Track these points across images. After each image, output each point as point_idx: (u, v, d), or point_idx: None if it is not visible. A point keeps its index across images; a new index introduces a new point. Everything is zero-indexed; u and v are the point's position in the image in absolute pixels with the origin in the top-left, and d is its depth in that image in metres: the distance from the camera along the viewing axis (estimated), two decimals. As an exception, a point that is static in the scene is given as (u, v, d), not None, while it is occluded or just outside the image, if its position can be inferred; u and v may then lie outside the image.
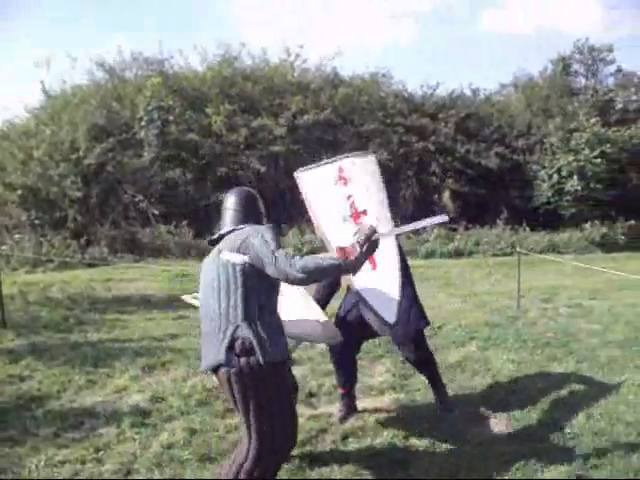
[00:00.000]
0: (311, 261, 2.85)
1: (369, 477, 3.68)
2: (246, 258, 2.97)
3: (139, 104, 16.05)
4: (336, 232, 3.99)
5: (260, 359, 2.93)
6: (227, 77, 17.65)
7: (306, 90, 18.18)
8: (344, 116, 18.16)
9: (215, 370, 3.05)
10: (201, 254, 14.92)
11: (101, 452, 3.93)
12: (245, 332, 2.95)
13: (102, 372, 5.62)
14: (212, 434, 4.21)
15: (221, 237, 3.25)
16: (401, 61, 54.86)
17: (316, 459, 3.87)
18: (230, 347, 2.95)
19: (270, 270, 2.91)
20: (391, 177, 17.69)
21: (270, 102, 17.63)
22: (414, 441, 4.15)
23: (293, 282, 2.92)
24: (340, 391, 4.79)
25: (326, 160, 4.49)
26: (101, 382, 5.35)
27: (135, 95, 16.59)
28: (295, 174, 4.29)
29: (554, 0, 53.32)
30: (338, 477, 3.66)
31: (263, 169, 16.29)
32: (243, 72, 18.19)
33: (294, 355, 6.15)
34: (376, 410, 4.76)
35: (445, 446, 4.09)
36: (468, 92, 22.31)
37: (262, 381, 2.99)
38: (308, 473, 3.70)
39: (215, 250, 3.17)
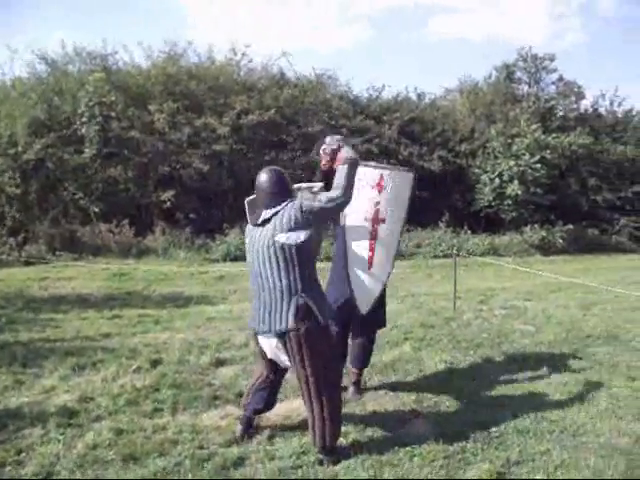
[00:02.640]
0: (339, 179, 3.87)
1: (296, 476, 3.71)
2: (302, 236, 3.65)
3: (81, 99, 15.72)
4: (353, 226, 4.59)
5: (321, 320, 3.72)
6: (172, 75, 17.44)
7: (251, 90, 18.11)
8: (289, 117, 18.15)
9: (282, 335, 3.71)
10: (142, 253, 14.81)
11: (23, 454, 3.85)
12: (305, 299, 3.67)
13: (31, 372, 5.51)
14: (139, 434, 4.18)
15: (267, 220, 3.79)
16: (349, 63, 55.28)
17: (242, 458, 3.89)
18: (296, 314, 3.64)
19: (321, 210, 3.73)
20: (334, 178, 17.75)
21: (215, 101, 17.50)
22: (340, 440, 4.20)
23: (342, 200, 3.81)
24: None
25: (374, 163, 4.90)
26: (29, 382, 5.24)
27: (77, 90, 16.24)
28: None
29: (502, 9, 54.46)
30: (263, 477, 3.68)
31: (206, 168, 16.17)
32: (188, 70, 18.00)
33: (226, 355, 6.19)
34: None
35: (372, 445, 4.14)
36: (413, 96, 22.58)
37: (323, 338, 3.77)
38: (233, 473, 3.71)
39: (267, 232, 3.73)
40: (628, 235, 20.80)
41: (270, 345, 3.88)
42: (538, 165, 18.62)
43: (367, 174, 4.60)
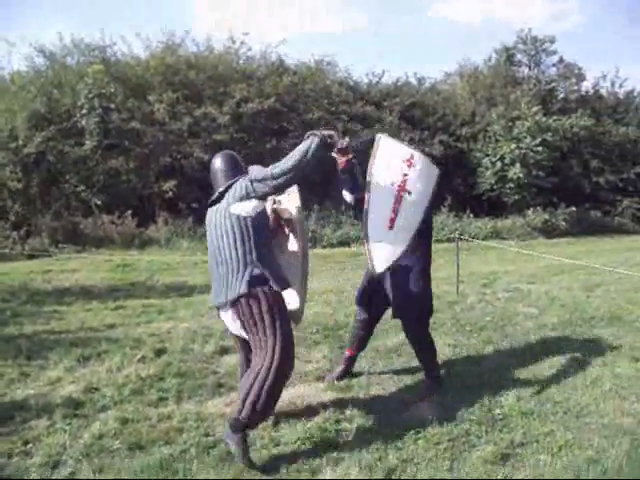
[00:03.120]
0: (297, 150, 3.87)
1: (300, 460, 3.73)
2: (255, 207, 3.79)
3: (80, 92, 15.70)
4: (378, 187, 4.55)
5: (274, 286, 3.76)
6: (170, 65, 17.40)
7: (250, 78, 18.06)
8: (289, 104, 18.10)
9: (235, 302, 3.73)
10: (144, 243, 14.84)
11: (29, 445, 3.87)
12: (260, 269, 3.75)
13: (36, 364, 5.52)
14: (144, 423, 4.21)
15: (221, 196, 3.91)
16: (348, 49, 55.07)
17: (249, 444, 3.90)
18: (249, 281, 3.70)
19: (269, 180, 3.78)
20: (336, 165, 17.72)
21: (214, 90, 17.46)
22: (345, 425, 4.22)
23: (294, 172, 3.80)
24: (347, 353, 5.28)
25: (407, 144, 4.94)
26: (34, 374, 5.26)
27: (76, 82, 16.21)
28: (378, 135, 4.64)
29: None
30: (268, 462, 3.71)
31: (207, 158, 16.13)
32: (187, 60, 17.94)
33: (230, 343, 6.19)
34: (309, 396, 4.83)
35: (376, 429, 4.17)
36: (413, 80, 22.50)
37: (277, 303, 3.76)
38: (238, 459, 3.73)
39: (222, 206, 3.85)
40: (631, 216, 20.78)
41: (228, 319, 3.91)
42: (539, 148, 18.58)
43: (400, 149, 4.62)
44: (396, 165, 4.52)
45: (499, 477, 3.59)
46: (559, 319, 7.42)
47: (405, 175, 4.52)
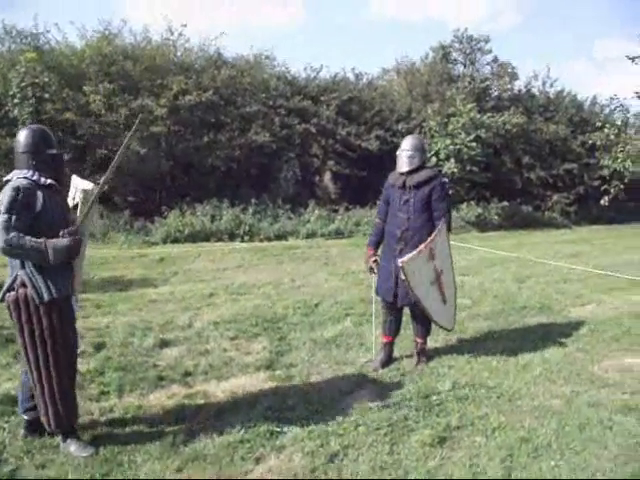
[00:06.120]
0: (21, 239, 3.39)
1: (242, 449, 3.80)
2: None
3: (12, 80, 15.24)
4: (425, 293, 5.26)
5: (35, 297, 3.50)
6: (107, 55, 17.02)
7: (188, 71, 17.85)
8: (226, 97, 17.97)
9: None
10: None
11: (-32, 443, 3.81)
12: (22, 276, 3.52)
13: (-31, 361, 5.41)
14: (86, 417, 4.19)
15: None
16: (287, 44, 55.07)
17: (191, 435, 3.95)
18: (10, 286, 3.56)
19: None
20: (273, 158, 17.78)
21: (151, 82, 17.18)
22: (287, 414, 4.31)
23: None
24: (384, 340, 5.60)
25: (422, 245, 5.21)
26: (-32, 371, 5.16)
27: (8, 70, 15.71)
28: (399, 262, 5.05)
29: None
30: (212, 452, 3.76)
31: (144, 151, 15.94)
32: (124, 50, 17.58)
33: (170, 336, 6.21)
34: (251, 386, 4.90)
35: (317, 417, 4.27)
36: (351, 76, 22.56)
37: (38, 314, 3.55)
38: (182, 449, 3.78)
39: None
40: (560, 211, 21.39)
41: None
42: (474, 144, 18.93)
43: (421, 256, 5.17)
44: (426, 269, 5.28)
45: (437, 458, 3.74)
46: (492, 309, 7.68)
47: (435, 266, 5.35)
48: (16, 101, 14.88)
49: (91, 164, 16.13)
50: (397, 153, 5.51)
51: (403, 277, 5.07)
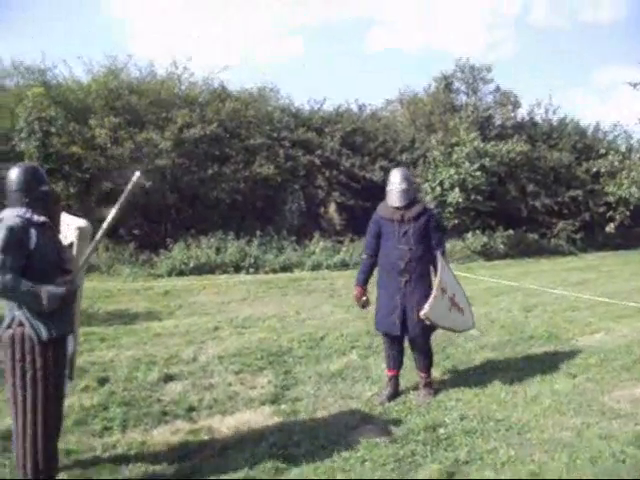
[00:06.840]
0: (17, 281, 3.33)
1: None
2: None
3: (20, 115, 15.41)
4: (448, 319, 5.48)
5: (33, 336, 3.45)
6: (113, 89, 17.19)
7: (193, 104, 18.00)
8: (231, 130, 18.09)
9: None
10: (85, 270, 14.52)
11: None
12: (19, 316, 3.46)
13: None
14: (89, 454, 4.14)
15: None
16: (289, 77, 55.61)
17: (195, 473, 3.89)
18: (9, 324, 3.49)
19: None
20: (278, 190, 17.81)
21: (156, 115, 17.33)
22: (293, 450, 4.24)
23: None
24: (389, 374, 5.55)
25: (434, 289, 5.29)
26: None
27: (16, 105, 15.90)
28: (423, 314, 5.15)
29: (439, 20, 55.66)
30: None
31: (149, 183, 15.99)
32: (129, 84, 17.76)
33: (174, 370, 6.16)
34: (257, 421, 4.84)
35: (323, 453, 4.20)
36: (354, 107, 22.71)
37: (31, 354, 3.48)
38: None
39: None
40: (566, 238, 21.32)
41: None
42: (478, 173, 18.95)
43: (441, 303, 5.33)
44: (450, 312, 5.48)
45: (445, 494, 3.67)
46: (499, 339, 7.60)
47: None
48: (23, 135, 14.99)
49: (96, 197, 16.21)
50: (389, 188, 5.47)
51: (428, 323, 5.19)
